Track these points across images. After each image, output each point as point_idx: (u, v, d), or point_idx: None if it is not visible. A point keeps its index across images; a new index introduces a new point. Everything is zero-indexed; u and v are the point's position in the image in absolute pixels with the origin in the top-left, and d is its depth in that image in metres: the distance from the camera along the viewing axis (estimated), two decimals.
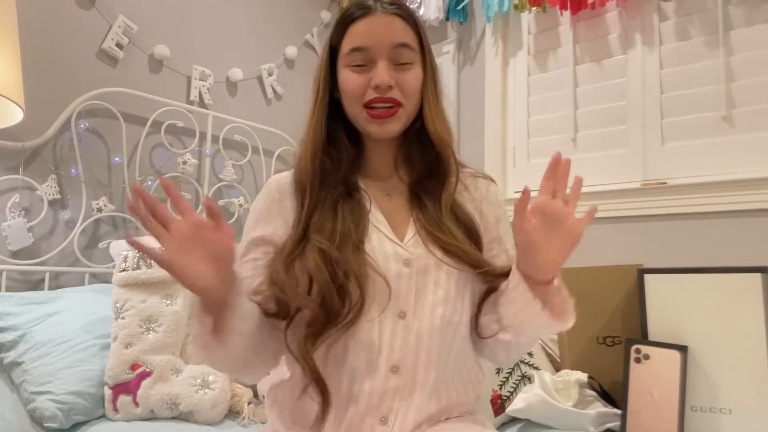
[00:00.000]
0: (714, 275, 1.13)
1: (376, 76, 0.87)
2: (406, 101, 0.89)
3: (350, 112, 0.91)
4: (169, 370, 1.32)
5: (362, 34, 0.89)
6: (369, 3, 0.90)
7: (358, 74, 0.88)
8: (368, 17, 0.89)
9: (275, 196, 0.93)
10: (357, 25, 0.89)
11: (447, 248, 0.87)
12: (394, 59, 0.88)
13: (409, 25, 0.91)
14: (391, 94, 0.87)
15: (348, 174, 0.93)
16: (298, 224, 0.87)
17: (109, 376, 1.29)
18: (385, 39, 0.88)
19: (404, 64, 0.89)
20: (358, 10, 0.90)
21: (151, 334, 1.34)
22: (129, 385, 1.28)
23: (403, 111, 0.89)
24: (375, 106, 0.88)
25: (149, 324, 1.36)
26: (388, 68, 0.88)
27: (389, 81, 0.87)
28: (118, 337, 1.33)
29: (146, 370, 1.30)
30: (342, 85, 0.90)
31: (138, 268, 1.42)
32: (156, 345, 1.33)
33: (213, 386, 1.33)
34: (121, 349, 1.31)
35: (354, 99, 0.89)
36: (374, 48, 0.88)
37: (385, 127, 0.89)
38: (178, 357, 1.37)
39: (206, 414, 1.30)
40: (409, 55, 0.89)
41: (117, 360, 1.30)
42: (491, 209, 0.97)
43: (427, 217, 0.90)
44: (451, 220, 0.90)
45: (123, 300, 1.38)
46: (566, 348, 1.36)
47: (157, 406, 1.28)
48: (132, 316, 1.35)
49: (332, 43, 0.93)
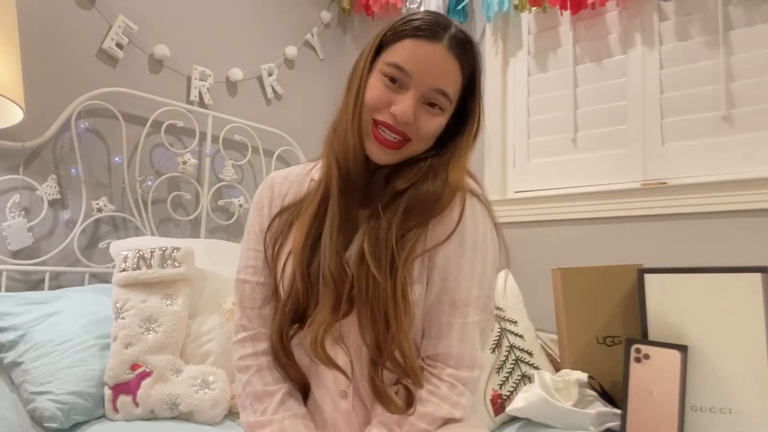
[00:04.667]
0: (714, 275, 1.13)
1: (399, 105, 0.82)
2: (417, 141, 0.85)
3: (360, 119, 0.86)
4: (169, 370, 1.32)
5: (412, 57, 0.82)
6: (440, 29, 0.83)
7: (385, 88, 0.83)
8: (430, 43, 0.82)
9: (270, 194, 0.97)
10: (415, 44, 0.83)
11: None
12: (426, 98, 0.83)
13: (462, 74, 0.85)
14: (405, 129, 0.83)
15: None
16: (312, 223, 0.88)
17: (109, 377, 1.29)
18: (430, 76, 0.82)
19: (433, 107, 0.84)
20: (426, 29, 0.83)
21: (151, 335, 1.34)
22: (129, 386, 1.28)
23: (409, 147, 0.85)
24: (383, 130, 0.84)
25: (149, 324, 1.36)
26: (415, 104, 0.82)
27: (410, 118, 0.82)
28: (118, 337, 1.33)
29: (146, 370, 1.30)
30: (366, 89, 0.86)
31: (138, 269, 1.42)
32: (156, 345, 1.33)
33: (213, 386, 1.33)
34: (121, 349, 1.31)
35: (368, 108, 0.85)
36: (415, 77, 0.82)
37: (382, 154, 0.85)
38: (178, 357, 1.37)
39: (206, 414, 1.30)
40: (442, 102, 0.84)
41: (117, 360, 1.30)
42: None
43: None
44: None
45: (123, 300, 1.38)
46: (566, 348, 1.36)
47: (157, 406, 1.28)
48: (132, 316, 1.35)
49: (383, 39, 0.87)
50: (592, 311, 1.34)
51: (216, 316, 1.48)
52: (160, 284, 1.42)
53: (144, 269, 1.41)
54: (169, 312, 1.38)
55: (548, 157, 2.00)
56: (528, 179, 2.03)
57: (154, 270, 1.41)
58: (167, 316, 1.37)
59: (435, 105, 0.84)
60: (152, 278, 1.41)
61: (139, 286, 1.40)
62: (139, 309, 1.37)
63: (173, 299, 1.41)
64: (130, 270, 1.41)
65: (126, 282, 1.40)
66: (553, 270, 1.42)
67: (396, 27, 0.85)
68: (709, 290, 1.13)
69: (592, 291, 1.35)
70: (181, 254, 1.43)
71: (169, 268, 1.43)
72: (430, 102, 0.84)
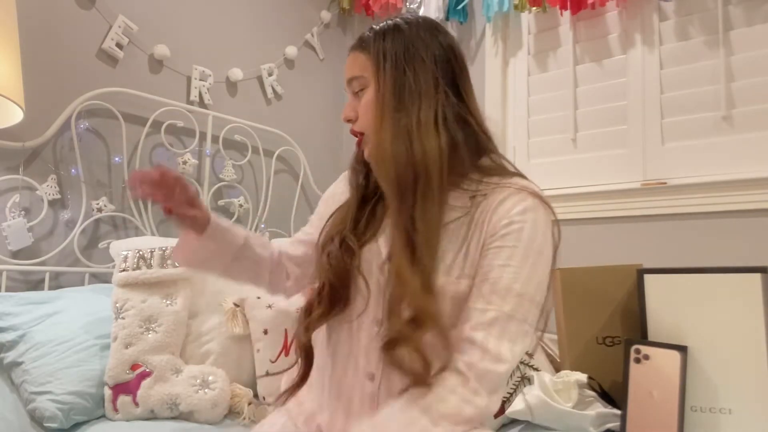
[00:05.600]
0: (714, 275, 1.13)
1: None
2: (362, 124, 0.93)
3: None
4: (169, 370, 1.32)
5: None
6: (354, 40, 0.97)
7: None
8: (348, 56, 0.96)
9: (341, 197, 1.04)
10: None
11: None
12: (352, 92, 0.95)
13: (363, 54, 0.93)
14: (355, 126, 0.94)
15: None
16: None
17: (109, 377, 1.29)
18: (347, 76, 0.95)
19: (357, 94, 0.94)
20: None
21: (151, 334, 1.34)
22: (129, 386, 1.28)
23: (366, 137, 0.93)
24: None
25: (149, 324, 1.36)
26: (351, 102, 0.95)
27: (346, 115, 0.95)
28: (118, 337, 1.33)
29: (146, 370, 1.30)
30: None
31: (138, 269, 1.42)
32: (156, 345, 1.33)
33: (213, 386, 1.33)
34: (121, 349, 1.31)
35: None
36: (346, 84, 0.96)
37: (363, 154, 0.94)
38: (178, 357, 1.37)
39: (206, 414, 1.30)
40: (359, 83, 0.93)
41: (117, 360, 1.30)
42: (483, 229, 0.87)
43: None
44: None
45: (123, 300, 1.38)
46: (566, 348, 1.35)
47: (157, 406, 1.28)
48: (132, 316, 1.35)
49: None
50: (591, 311, 1.34)
51: (216, 316, 1.49)
52: (160, 284, 1.42)
53: (144, 269, 1.42)
54: (169, 312, 1.38)
55: (548, 157, 2.00)
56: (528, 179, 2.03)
57: (154, 270, 1.41)
58: (167, 316, 1.38)
59: (358, 92, 0.94)
60: (152, 278, 1.41)
61: (139, 286, 1.41)
62: (139, 309, 1.37)
63: (173, 299, 1.41)
64: (130, 270, 1.42)
65: (126, 282, 1.41)
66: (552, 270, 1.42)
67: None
68: (709, 290, 1.12)
69: (592, 291, 1.34)
70: None
71: (169, 269, 1.43)
72: (355, 93, 0.94)
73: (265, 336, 1.46)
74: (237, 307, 1.48)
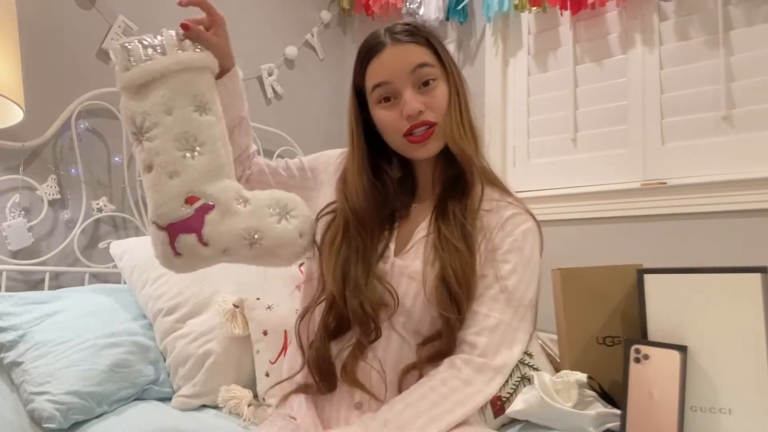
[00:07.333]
0: (714, 275, 1.13)
1: (405, 107, 0.90)
2: (439, 119, 0.92)
3: (393, 145, 0.97)
4: (234, 200, 0.95)
5: (381, 70, 0.93)
6: (380, 38, 0.93)
7: (388, 110, 0.93)
8: (382, 53, 0.92)
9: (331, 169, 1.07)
10: (373, 64, 0.93)
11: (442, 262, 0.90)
12: (417, 82, 0.92)
13: (423, 46, 0.93)
14: (424, 117, 0.91)
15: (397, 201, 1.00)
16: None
17: (157, 215, 0.93)
18: (403, 67, 0.91)
19: (428, 84, 0.92)
20: (371, 48, 0.94)
21: (197, 157, 0.95)
22: (189, 222, 0.92)
23: (439, 128, 0.92)
24: (414, 133, 0.92)
25: (187, 143, 0.95)
26: (414, 95, 0.91)
27: (418, 108, 0.90)
28: (154, 165, 0.95)
29: (208, 204, 0.93)
30: (378, 123, 0.96)
31: (150, 59, 0.98)
32: (206, 170, 0.95)
33: (294, 213, 0.98)
34: (165, 181, 0.93)
35: (393, 133, 0.94)
36: (395, 80, 0.91)
37: (426, 148, 0.93)
38: (236, 181, 1.01)
39: (294, 246, 0.97)
40: (430, 71, 0.92)
41: (165, 194, 0.93)
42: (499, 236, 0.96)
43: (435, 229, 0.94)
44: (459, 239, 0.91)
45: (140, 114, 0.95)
46: (566, 348, 1.35)
47: (234, 243, 0.94)
48: (162, 135, 0.94)
49: (356, 85, 0.98)
50: (591, 311, 1.34)
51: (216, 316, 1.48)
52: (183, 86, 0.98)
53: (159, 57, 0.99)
54: (207, 124, 0.97)
55: (548, 157, 2.00)
56: (528, 179, 2.03)
57: (171, 55, 1.00)
58: (206, 129, 0.97)
59: (427, 82, 0.92)
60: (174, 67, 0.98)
61: (156, 89, 0.96)
62: (166, 125, 0.94)
63: (204, 107, 0.98)
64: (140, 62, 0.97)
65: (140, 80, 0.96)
66: (552, 270, 1.42)
67: (355, 68, 0.98)
68: (709, 290, 1.12)
69: (592, 291, 1.34)
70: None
71: (189, 51, 1.03)
72: (423, 82, 0.92)
73: (264, 337, 1.45)
74: (236, 308, 1.47)
